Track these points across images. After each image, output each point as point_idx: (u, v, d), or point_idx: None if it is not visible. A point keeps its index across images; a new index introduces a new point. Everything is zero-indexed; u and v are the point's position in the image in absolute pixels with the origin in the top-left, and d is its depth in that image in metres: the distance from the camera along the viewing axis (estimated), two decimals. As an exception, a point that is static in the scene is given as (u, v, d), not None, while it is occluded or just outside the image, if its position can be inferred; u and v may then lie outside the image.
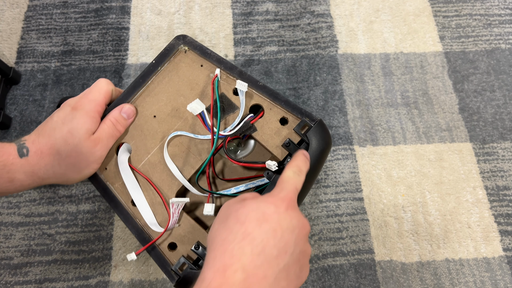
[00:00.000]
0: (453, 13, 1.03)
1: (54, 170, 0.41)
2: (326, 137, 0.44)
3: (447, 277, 0.75)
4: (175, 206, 0.43)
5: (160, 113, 0.48)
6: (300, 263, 0.34)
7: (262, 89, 0.46)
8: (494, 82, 0.95)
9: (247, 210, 0.34)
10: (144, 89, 0.49)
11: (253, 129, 0.46)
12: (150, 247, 0.45)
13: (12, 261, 0.75)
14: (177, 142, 0.47)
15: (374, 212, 0.80)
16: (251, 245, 0.32)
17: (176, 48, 0.50)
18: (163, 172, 0.46)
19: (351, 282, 0.74)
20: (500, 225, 0.80)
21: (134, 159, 0.47)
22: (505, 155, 0.87)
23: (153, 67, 0.49)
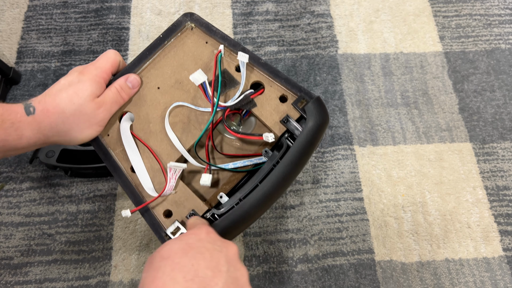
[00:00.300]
0: (453, 13, 1.03)
1: (59, 129, 0.42)
2: (323, 113, 0.44)
3: (447, 277, 0.75)
4: (173, 171, 0.44)
5: (163, 85, 0.49)
6: (240, 283, 0.34)
7: (263, 66, 0.47)
8: (494, 82, 0.95)
9: (169, 246, 0.33)
10: (150, 61, 0.50)
11: (253, 105, 0.47)
12: (144, 209, 0.45)
13: (12, 261, 0.75)
14: (179, 113, 0.48)
15: (374, 212, 0.80)
16: (182, 273, 0.31)
17: (183, 25, 0.51)
18: (163, 141, 0.47)
19: (351, 282, 0.74)
20: (500, 225, 0.80)
21: (136, 127, 0.48)
22: (505, 155, 0.87)
23: (160, 41, 0.51)
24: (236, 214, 0.41)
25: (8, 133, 0.39)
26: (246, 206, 0.41)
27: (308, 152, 0.44)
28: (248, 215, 0.42)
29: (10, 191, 0.81)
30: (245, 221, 0.42)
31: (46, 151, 0.77)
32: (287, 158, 0.42)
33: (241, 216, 0.41)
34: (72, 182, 0.82)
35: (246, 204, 0.41)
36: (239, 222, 0.41)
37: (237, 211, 0.41)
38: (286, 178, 0.43)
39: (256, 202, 0.41)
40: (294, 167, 0.43)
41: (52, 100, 0.42)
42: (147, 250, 0.76)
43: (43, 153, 0.77)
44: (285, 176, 0.42)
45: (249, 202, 0.41)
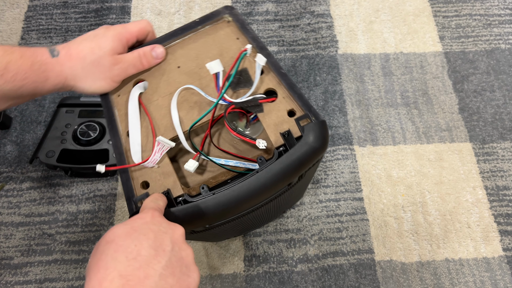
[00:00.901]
0: (453, 13, 1.03)
1: (77, 74, 0.44)
2: (321, 138, 0.43)
3: (447, 277, 0.75)
4: (160, 146, 0.44)
5: (184, 66, 0.50)
6: (185, 262, 0.35)
7: (282, 76, 0.48)
8: (494, 82, 0.95)
9: (114, 230, 0.34)
10: (179, 40, 0.52)
11: (260, 109, 0.47)
12: (123, 172, 0.46)
13: (12, 261, 0.75)
14: (189, 96, 0.49)
15: (374, 212, 0.80)
16: (124, 253, 0.31)
17: (221, 16, 0.52)
18: (165, 117, 0.48)
19: (351, 282, 0.74)
20: (500, 225, 0.80)
21: (146, 97, 0.49)
22: (505, 155, 0.87)
23: (195, 24, 0.52)
24: (198, 206, 0.41)
25: (37, 74, 0.41)
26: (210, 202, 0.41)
27: (294, 170, 0.42)
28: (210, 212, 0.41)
29: (10, 191, 0.81)
30: (204, 216, 0.41)
31: (46, 151, 0.77)
32: (268, 169, 0.42)
33: (202, 209, 0.41)
34: (72, 182, 0.82)
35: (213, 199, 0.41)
36: (198, 215, 0.41)
37: (201, 203, 0.41)
38: (264, 189, 0.42)
39: (223, 202, 0.41)
40: (275, 180, 0.42)
41: (76, 47, 0.44)
42: (147, 250, 0.76)
43: (43, 153, 0.77)
44: (262, 186, 0.41)
45: (217, 198, 0.41)
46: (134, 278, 0.30)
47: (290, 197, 0.59)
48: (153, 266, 0.32)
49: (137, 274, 0.31)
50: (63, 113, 0.82)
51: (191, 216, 0.41)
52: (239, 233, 0.72)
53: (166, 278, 0.32)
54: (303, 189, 0.63)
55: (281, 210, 0.68)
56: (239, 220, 0.51)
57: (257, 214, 0.54)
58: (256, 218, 0.58)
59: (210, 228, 0.46)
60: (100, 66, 0.45)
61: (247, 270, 0.75)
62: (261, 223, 0.70)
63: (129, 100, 0.48)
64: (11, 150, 0.85)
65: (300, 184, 0.53)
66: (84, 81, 0.45)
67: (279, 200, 0.53)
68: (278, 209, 0.63)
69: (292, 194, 0.56)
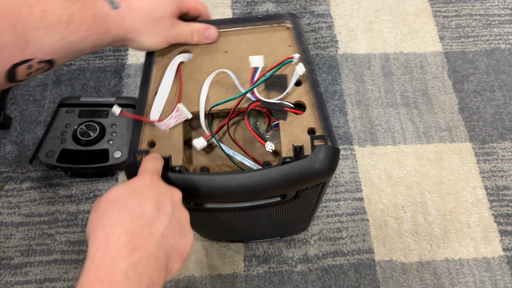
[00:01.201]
0: (453, 13, 1.03)
1: (138, 27, 0.45)
2: (328, 162, 0.43)
3: (447, 277, 0.75)
4: (178, 113, 0.46)
5: (231, 53, 0.52)
6: (183, 224, 0.37)
7: (316, 94, 0.48)
8: (494, 82, 0.95)
9: (116, 191, 0.35)
10: (235, 29, 0.54)
11: (283, 117, 0.47)
12: (137, 123, 0.48)
13: (12, 261, 0.75)
14: (224, 81, 0.50)
15: (374, 212, 0.80)
16: (129, 212, 0.33)
17: (283, 20, 0.54)
18: (195, 91, 0.49)
19: (351, 282, 0.74)
20: (500, 225, 0.80)
21: (185, 67, 0.51)
22: (505, 155, 0.87)
23: (256, 19, 0.54)
24: (192, 180, 0.42)
25: (99, 26, 0.41)
26: (204, 181, 0.42)
27: (290, 182, 0.43)
28: (201, 190, 0.42)
29: (10, 191, 0.81)
30: (194, 192, 0.42)
31: (46, 151, 0.77)
32: (266, 171, 0.42)
33: (195, 184, 0.42)
34: (72, 182, 0.82)
35: (206, 179, 0.42)
36: (189, 188, 0.42)
37: (195, 178, 0.42)
38: (256, 188, 0.42)
39: (215, 185, 0.42)
40: (269, 184, 0.42)
41: (137, 1, 0.45)
42: (147, 250, 0.76)
43: (43, 153, 0.77)
44: (255, 184, 0.42)
45: (211, 180, 0.42)
46: (139, 235, 0.32)
47: (288, 216, 0.58)
48: (156, 226, 0.33)
49: (142, 232, 0.32)
50: (63, 113, 0.82)
51: (182, 186, 0.41)
52: (234, 237, 0.72)
53: (168, 238, 0.34)
54: (305, 214, 0.62)
55: (279, 229, 0.67)
56: (229, 217, 0.51)
57: (249, 218, 0.54)
58: (249, 223, 0.58)
59: (197, 210, 0.46)
60: (160, 24, 0.46)
61: (247, 270, 0.75)
62: (256, 235, 0.70)
63: (169, 64, 0.50)
64: (11, 150, 0.85)
65: (299, 205, 0.53)
66: (144, 36, 0.46)
67: (274, 212, 0.53)
68: (274, 225, 0.63)
69: (289, 212, 0.56)
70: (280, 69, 0.49)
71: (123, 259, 0.30)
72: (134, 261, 0.30)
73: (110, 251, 0.30)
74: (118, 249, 0.30)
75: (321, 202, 0.59)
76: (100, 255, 0.30)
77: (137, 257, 0.31)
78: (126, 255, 0.30)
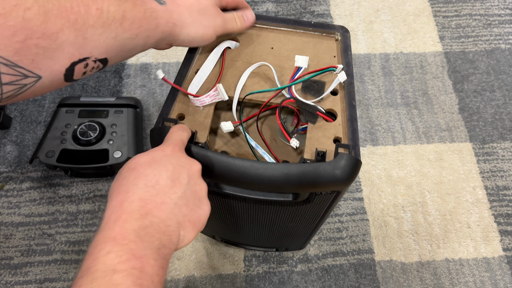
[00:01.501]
0: (453, 13, 1.03)
1: (184, 20, 0.47)
2: (348, 171, 0.43)
3: (447, 277, 0.75)
4: (215, 92, 0.48)
5: (277, 50, 0.54)
6: (199, 195, 0.38)
7: (349, 106, 0.49)
8: (494, 82, 0.95)
9: (136, 159, 0.37)
10: (286, 29, 0.56)
11: (313, 120, 0.48)
12: (173, 91, 0.50)
13: (12, 261, 0.75)
14: (264, 74, 0.52)
15: (374, 212, 0.80)
16: (144, 180, 0.35)
17: (333, 31, 0.56)
18: (234, 78, 0.51)
19: (351, 282, 0.74)
20: (500, 225, 0.80)
21: (229, 54, 0.53)
22: (505, 155, 0.87)
23: (307, 24, 0.55)
24: (210, 157, 0.43)
25: (149, 22, 0.42)
26: (222, 161, 0.43)
27: (304, 181, 0.43)
28: (217, 168, 0.43)
29: (10, 191, 0.81)
30: (209, 168, 0.44)
31: (46, 151, 0.77)
32: (282, 165, 0.43)
33: (212, 162, 0.43)
34: (72, 182, 0.82)
35: (224, 160, 0.43)
36: (207, 164, 0.43)
37: (213, 157, 0.43)
38: (269, 178, 0.43)
39: (231, 166, 0.43)
40: (282, 177, 0.43)
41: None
42: (147, 250, 0.76)
43: (43, 153, 0.77)
44: (270, 175, 0.43)
45: (227, 161, 0.43)
46: (152, 202, 0.34)
47: (292, 223, 0.58)
48: (169, 195, 0.35)
49: (154, 199, 0.34)
50: (63, 113, 0.82)
51: (202, 162, 0.43)
52: (231, 236, 0.72)
53: (180, 207, 0.35)
54: (309, 227, 0.62)
55: (278, 239, 0.67)
56: (236, 207, 0.52)
57: (254, 215, 0.54)
58: (253, 221, 0.58)
59: (209, 191, 0.47)
60: (206, 14, 0.48)
61: (247, 270, 0.75)
62: (254, 239, 0.69)
63: (216, 47, 0.52)
64: (11, 150, 0.85)
65: (307, 213, 0.53)
66: (191, 27, 0.47)
67: (280, 215, 0.53)
68: (275, 232, 0.63)
69: (295, 219, 0.56)
70: (320, 75, 0.50)
71: (135, 221, 0.32)
72: (145, 224, 0.32)
73: (123, 214, 0.32)
74: (131, 213, 0.32)
75: (327, 217, 0.59)
76: (114, 217, 0.32)
77: (149, 221, 0.33)
78: (138, 218, 0.32)
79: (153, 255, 0.31)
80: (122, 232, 0.31)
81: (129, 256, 0.30)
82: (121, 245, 0.30)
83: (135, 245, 0.31)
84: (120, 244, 0.30)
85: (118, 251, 0.30)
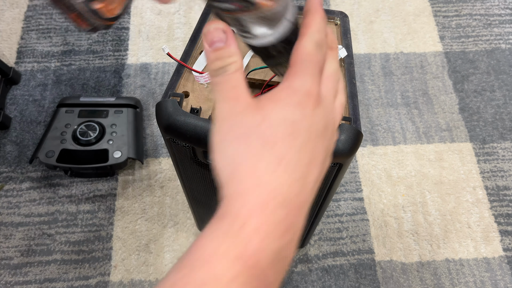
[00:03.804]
0: (453, 13, 1.03)
1: None
2: (349, 142, 0.44)
3: (447, 277, 0.75)
4: None
5: None
6: (323, 173, 0.28)
7: (350, 84, 0.52)
8: (494, 82, 0.95)
9: (271, 124, 0.25)
10: None
11: None
12: (179, 68, 0.50)
13: (12, 261, 0.75)
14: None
15: (374, 212, 0.80)
16: (288, 172, 0.25)
17: (333, 16, 0.57)
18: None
19: (351, 282, 0.74)
20: (500, 225, 0.80)
21: (234, 34, 0.53)
22: (505, 155, 0.87)
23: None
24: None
25: None
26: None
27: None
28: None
29: (10, 191, 0.81)
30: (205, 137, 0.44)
31: (46, 151, 0.77)
32: None
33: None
34: (72, 182, 0.82)
35: None
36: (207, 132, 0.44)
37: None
38: None
39: None
40: None
41: None
42: (147, 250, 0.76)
43: (43, 153, 0.77)
44: None
45: None
46: (294, 209, 0.25)
47: None
48: (307, 190, 0.26)
49: (296, 201, 0.25)
50: (63, 113, 0.82)
51: (207, 134, 0.43)
52: None
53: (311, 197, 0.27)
54: (310, 208, 0.62)
55: None
56: None
57: None
58: None
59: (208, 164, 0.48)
60: None
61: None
62: None
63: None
64: (11, 150, 0.85)
65: None
66: None
67: None
68: None
69: None
70: None
71: (273, 242, 0.24)
72: (282, 246, 0.24)
73: (264, 226, 0.24)
74: (273, 228, 0.24)
75: (330, 199, 0.59)
76: (254, 226, 0.24)
77: (287, 240, 0.25)
78: (278, 238, 0.24)
79: None
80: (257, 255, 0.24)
81: None
82: None
83: None
84: None
85: None
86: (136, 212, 0.79)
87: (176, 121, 0.44)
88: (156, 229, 0.78)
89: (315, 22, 0.28)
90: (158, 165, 0.83)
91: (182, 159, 0.52)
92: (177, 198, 0.80)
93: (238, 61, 0.26)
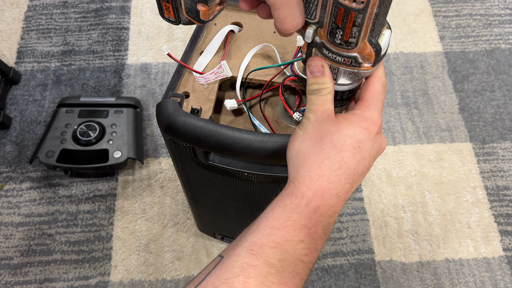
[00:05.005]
0: (453, 13, 1.03)
1: None
2: None
3: (447, 277, 0.75)
4: (220, 69, 0.49)
5: (280, 35, 0.56)
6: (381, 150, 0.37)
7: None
8: (494, 82, 0.95)
9: (343, 136, 0.34)
10: None
11: None
12: (180, 68, 0.51)
13: (12, 261, 0.75)
14: (267, 56, 0.53)
15: (374, 212, 0.80)
16: (345, 174, 0.34)
17: None
18: (238, 59, 0.52)
19: (351, 282, 0.74)
20: (500, 225, 0.80)
21: (233, 37, 0.54)
22: (505, 155, 0.87)
23: None
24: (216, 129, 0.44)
25: None
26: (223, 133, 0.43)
27: None
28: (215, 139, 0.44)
29: (10, 191, 0.81)
30: (209, 138, 0.44)
31: (46, 151, 0.77)
32: (277, 136, 0.44)
33: (212, 133, 0.44)
34: (72, 182, 0.82)
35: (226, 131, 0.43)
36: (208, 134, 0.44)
37: (219, 129, 0.44)
38: (261, 149, 0.44)
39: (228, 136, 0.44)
40: (275, 150, 0.44)
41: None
42: (147, 250, 0.76)
43: (43, 153, 0.77)
44: (262, 146, 0.44)
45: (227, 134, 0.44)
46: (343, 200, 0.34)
47: None
48: (354, 188, 0.35)
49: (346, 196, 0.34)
50: (63, 113, 0.82)
51: (208, 135, 0.43)
52: (228, 232, 0.72)
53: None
54: None
55: None
56: (232, 186, 0.53)
57: (250, 195, 0.55)
58: (249, 205, 0.58)
59: (209, 166, 0.48)
60: None
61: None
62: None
63: (220, 30, 0.53)
64: (11, 150, 0.85)
65: None
66: None
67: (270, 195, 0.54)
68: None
69: None
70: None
71: (325, 219, 0.34)
72: (329, 223, 0.34)
73: (323, 206, 0.33)
74: (327, 210, 0.33)
75: None
76: (315, 205, 0.33)
77: (332, 220, 0.34)
78: (328, 217, 0.34)
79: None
80: (316, 226, 0.34)
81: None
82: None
83: None
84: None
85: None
86: (136, 212, 0.79)
87: (176, 122, 0.44)
88: (156, 229, 0.78)
89: (381, 68, 0.36)
90: (158, 165, 0.83)
91: (182, 159, 0.52)
92: (177, 198, 0.80)
93: (330, 88, 0.35)
